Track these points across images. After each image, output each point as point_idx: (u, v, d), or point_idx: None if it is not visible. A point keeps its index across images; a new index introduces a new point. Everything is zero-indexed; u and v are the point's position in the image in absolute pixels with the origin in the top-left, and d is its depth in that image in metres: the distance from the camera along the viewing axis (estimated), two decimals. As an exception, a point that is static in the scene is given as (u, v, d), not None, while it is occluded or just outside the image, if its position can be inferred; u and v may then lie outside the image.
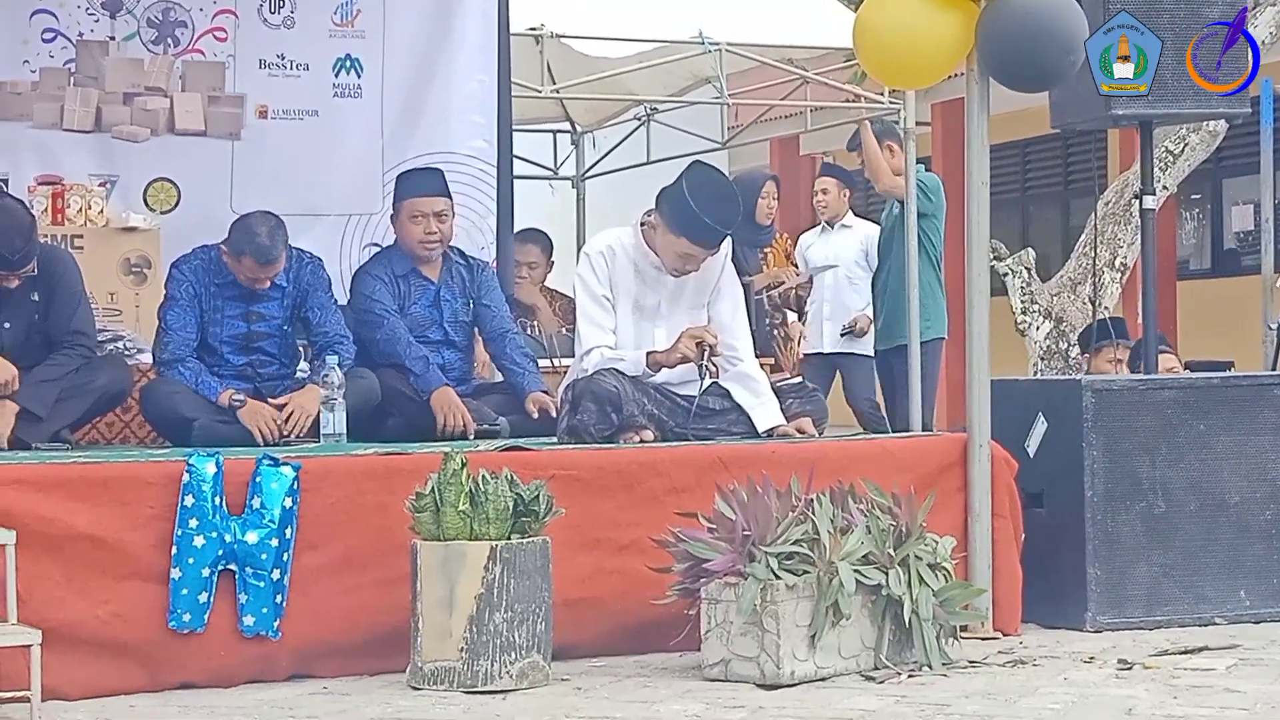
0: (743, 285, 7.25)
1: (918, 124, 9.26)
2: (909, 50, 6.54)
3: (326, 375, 6.82)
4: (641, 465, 6.26)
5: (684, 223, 6.59)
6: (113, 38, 8.13)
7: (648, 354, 6.64)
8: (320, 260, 7.38)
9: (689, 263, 6.66)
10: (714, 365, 6.64)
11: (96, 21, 8.09)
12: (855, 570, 5.72)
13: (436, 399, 7.23)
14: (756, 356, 7.05)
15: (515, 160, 9.05)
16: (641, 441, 6.50)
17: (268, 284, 7.09)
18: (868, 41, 6.67)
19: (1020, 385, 7.31)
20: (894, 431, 8.39)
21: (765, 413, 6.70)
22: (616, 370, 6.54)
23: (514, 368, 7.50)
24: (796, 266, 10.41)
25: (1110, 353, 8.49)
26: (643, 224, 6.76)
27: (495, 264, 8.19)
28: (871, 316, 9.73)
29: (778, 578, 5.64)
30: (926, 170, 9.77)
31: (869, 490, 6.00)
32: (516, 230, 8.95)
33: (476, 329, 7.69)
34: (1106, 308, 11.46)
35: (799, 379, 8.11)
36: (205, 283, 7.11)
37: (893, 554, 5.82)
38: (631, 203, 9.18)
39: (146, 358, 7.44)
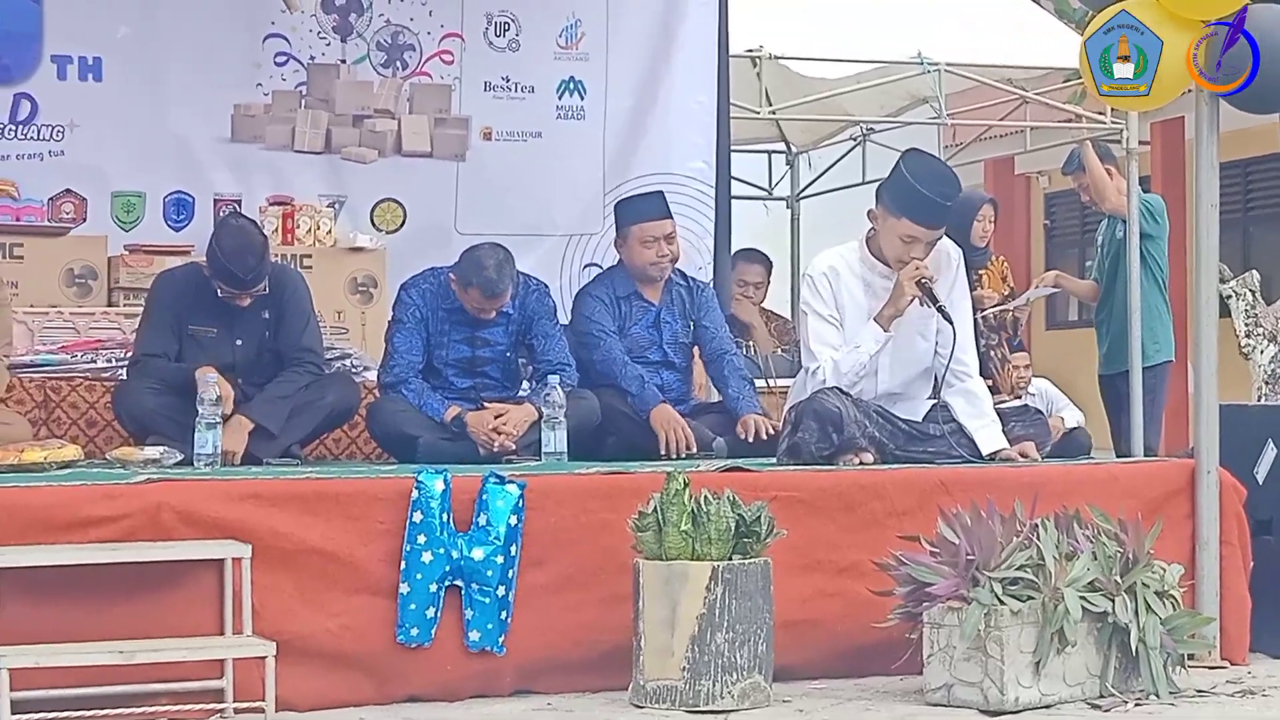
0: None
1: (1138, 143, 9.16)
2: (1138, 71, 6.46)
3: (548, 394, 6.89)
4: (862, 487, 6.24)
5: (905, 202, 6.54)
6: (343, 61, 8.33)
7: (875, 318, 6.59)
8: (546, 287, 7.45)
9: (914, 248, 6.58)
10: (936, 298, 6.57)
11: (328, 45, 8.30)
12: (1081, 597, 5.65)
13: (656, 416, 7.27)
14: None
15: (731, 180, 9.09)
16: (861, 463, 6.48)
17: (493, 314, 7.19)
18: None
19: (1248, 410, 7.18)
20: (1120, 456, 8.28)
21: (988, 435, 6.64)
22: (840, 390, 6.51)
23: (731, 389, 7.52)
24: (1012, 289, 10.32)
25: None
26: (867, 237, 6.73)
27: (712, 283, 8.23)
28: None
29: (1002, 603, 5.59)
30: (1147, 191, 9.64)
31: (1095, 516, 5.93)
32: (740, 249, 8.99)
33: (696, 349, 7.72)
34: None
35: (1022, 402, 8.03)
36: (433, 306, 7.20)
37: (1119, 581, 5.75)
38: (846, 223, 9.15)
39: (373, 375, 7.57)
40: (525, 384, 7.52)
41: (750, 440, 7.18)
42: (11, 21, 7.92)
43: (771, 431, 7.08)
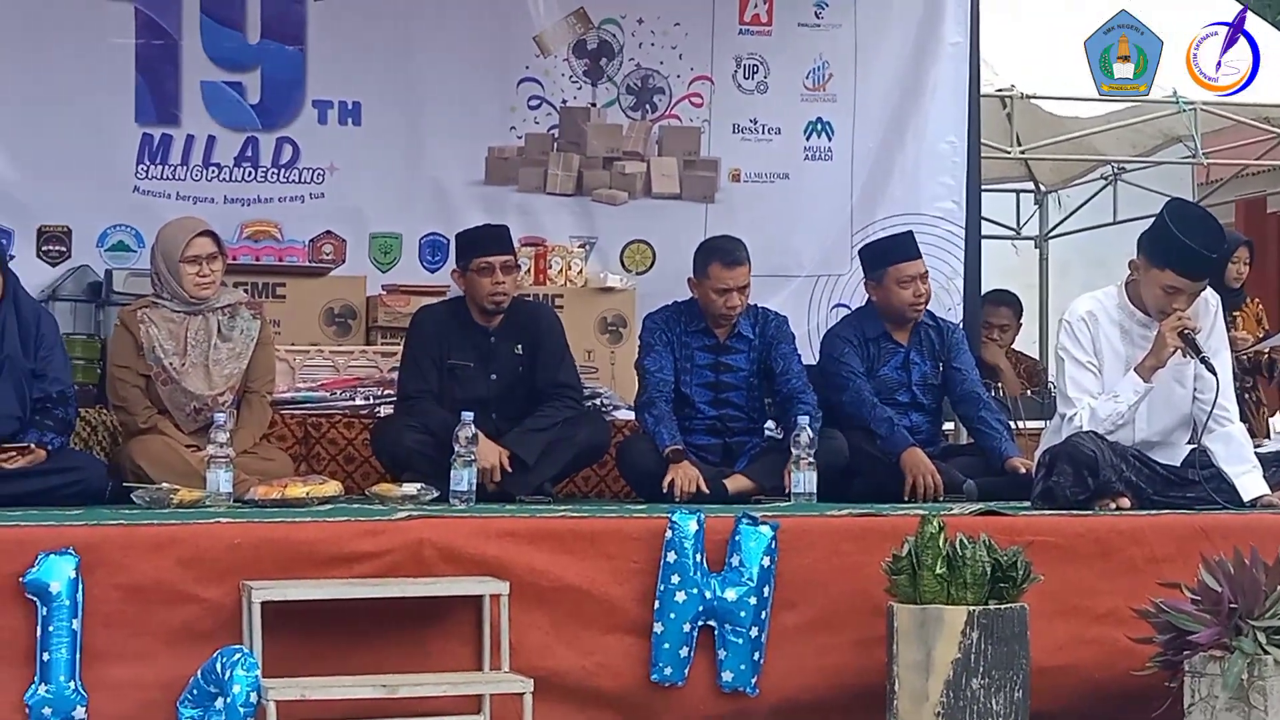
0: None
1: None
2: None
3: (797, 435, 6.89)
4: (1120, 533, 6.15)
5: (1168, 253, 6.45)
6: (594, 104, 8.45)
7: (1135, 369, 6.51)
8: (785, 317, 7.50)
9: (1176, 299, 6.50)
10: (1199, 348, 6.47)
11: (579, 89, 8.42)
12: (1348, 648, 5.50)
13: (907, 459, 7.24)
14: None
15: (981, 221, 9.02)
16: (1118, 508, 6.39)
17: (736, 301, 7.18)
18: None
19: None
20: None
21: (1250, 481, 6.51)
22: (1095, 433, 6.43)
23: (988, 431, 7.46)
24: (1267, 331, 10.11)
25: None
26: (1126, 283, 6.65)
27: (962, 324, 8.17)
28: None
29: (1265, 653, 5.46)
30: None
31: (1362, 565, 5.77)
32: (989, 291, 8.92)
33: (944, 392, 7.67)
34: None
35: (1280, 448, 7.85)
36: (676, 331, 7.30)
37: (1388, 632, 5.59)
38: (1096, 263, 9.00)
39: (622, 414, 7.65)
40: (770, 423, 7.53)
41: (1023, 472, 7.11)
42: (275, 68, 8.16)
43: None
